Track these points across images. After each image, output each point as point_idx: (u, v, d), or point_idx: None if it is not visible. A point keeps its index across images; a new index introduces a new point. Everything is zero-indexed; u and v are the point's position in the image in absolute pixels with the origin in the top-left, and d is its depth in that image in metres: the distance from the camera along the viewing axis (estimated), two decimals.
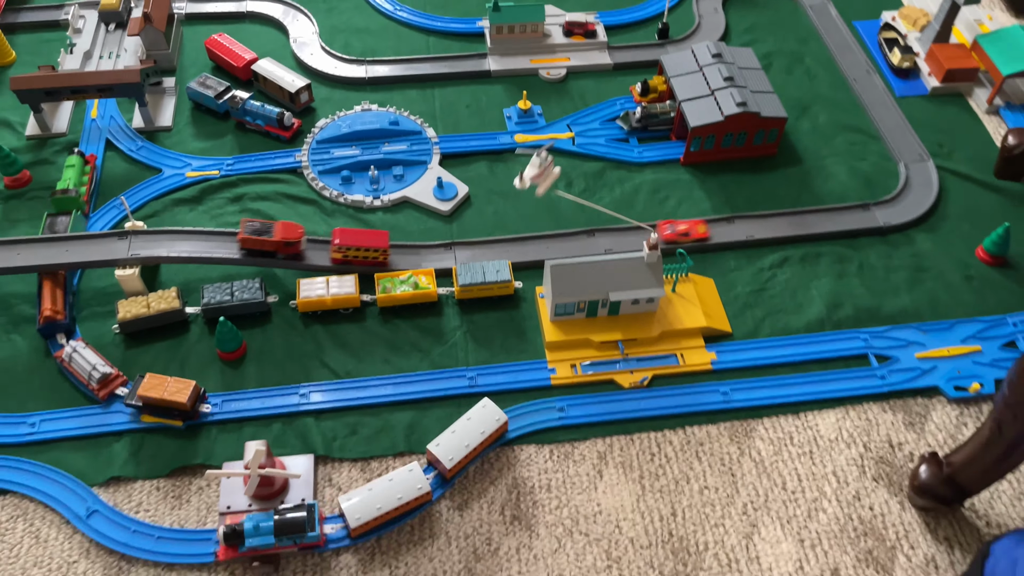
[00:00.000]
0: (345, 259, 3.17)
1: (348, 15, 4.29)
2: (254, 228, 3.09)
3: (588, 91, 3.98)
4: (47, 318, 2.95)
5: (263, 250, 3.12)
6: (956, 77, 3.93)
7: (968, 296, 3.25)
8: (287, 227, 3.12)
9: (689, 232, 3.37)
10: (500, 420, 2.78)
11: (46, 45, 4.06)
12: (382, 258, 3.21)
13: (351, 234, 3.16)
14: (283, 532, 2.47)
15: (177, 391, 2.77)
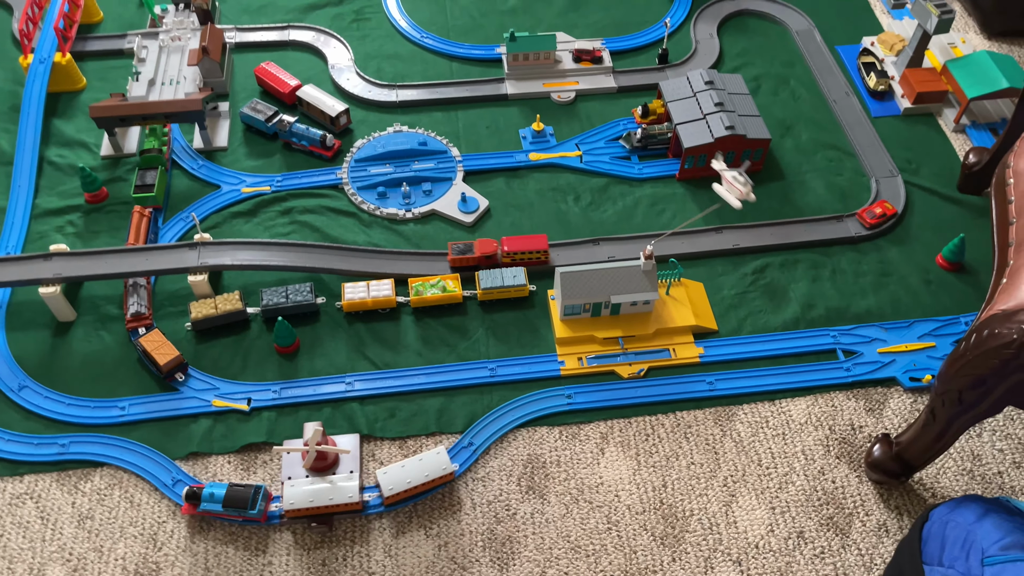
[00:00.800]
0: (513, 262, 3.72)
1: (380, 42, 4.77)
2: (459, 249, 3.70)
3: (595, 112, 4.44)
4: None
5: (468, 264, 3.70)
6: (926, 99, 4.36)
7: (927, 298, 3.70)
8: (483, 243, 3.69)
9: (884, 212, 3.90)
10: (447, 469, 3.09)
11: (112, 71, 4.56)
12: (544, 258, 3.73)
13: (516, 240, 3.72)
14: (230, 504, 2.98)
15: (163, 354, 3.33)
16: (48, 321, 3.55)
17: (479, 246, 3.72)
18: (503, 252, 3.73)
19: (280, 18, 4.87)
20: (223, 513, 3.00)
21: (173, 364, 3.37)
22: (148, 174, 3.98)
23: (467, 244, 3.74)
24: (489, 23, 4.87)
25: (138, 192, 3.91)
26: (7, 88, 4.43)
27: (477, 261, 3.73)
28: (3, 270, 3.48)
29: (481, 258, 3.72)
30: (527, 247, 3.73)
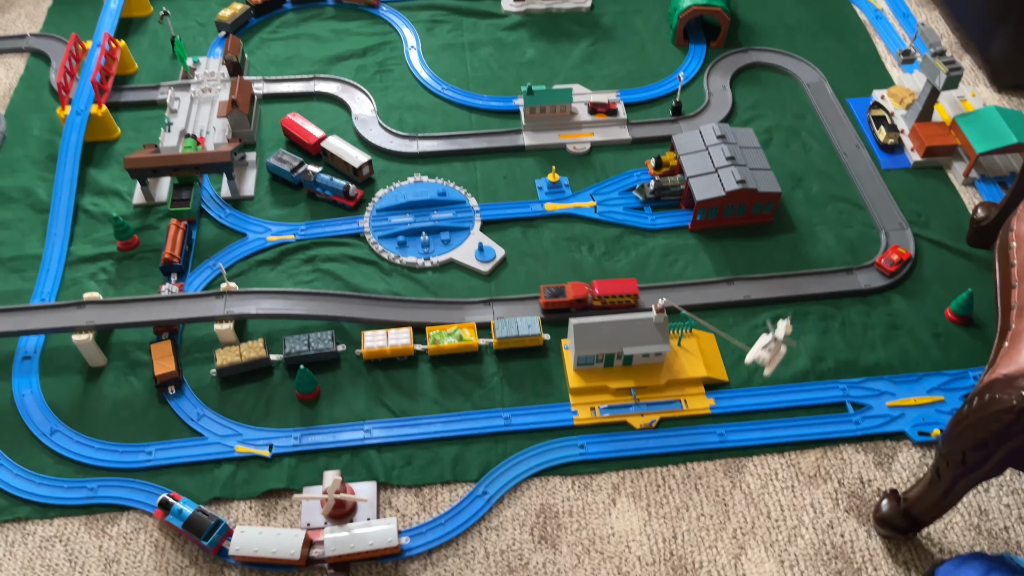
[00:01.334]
0: (603, 305, 3.82)
1: (402, 93, 4.93)
2: (551, 292, 3.82)
3: (609, 163, 4.56)
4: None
5: (559, 308, 3.82)
6: (936, 153, 4.44)
7: (936, 352, 3.75)
8: (575, 287, 3.81)
9: (901, 257, 3.99)
10: (392, 543, 3.11)
11: (145, 122, 4.75)
12: (633, 301, 3.85)
13: (607, 284, 3.84)
14: (189, 527, 3.14)
15: (161, 365, 3.58)
16: (81, 367, 3.69)
17: (571, 290, 3.83)
18: (594, 296, 3.83)
19: (306, 69, 5.05)
20: (181, 530, 3.17)
21: (167, 377, 3.59)
22: (184, 190, 4.25)
23: (559, 288, 3.85)
24: (508, 75, 5.03)
25: (175, 206, 4.19)
26: (45, 138, 4.63)
27: (569, 304, 3.84)
28: (39, 317, 3.63)
29: (573, 301, 3.83)
30: (617, 291, 3.83)
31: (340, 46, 5.20)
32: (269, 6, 5.41)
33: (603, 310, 3.85)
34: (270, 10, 5.43)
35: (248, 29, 5.32)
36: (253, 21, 5.39)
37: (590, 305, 3.86)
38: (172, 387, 3.62)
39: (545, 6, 5.41)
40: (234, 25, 5.25)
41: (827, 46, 5.19)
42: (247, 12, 5.33)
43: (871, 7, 5.42)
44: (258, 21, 5.39)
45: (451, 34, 5.29)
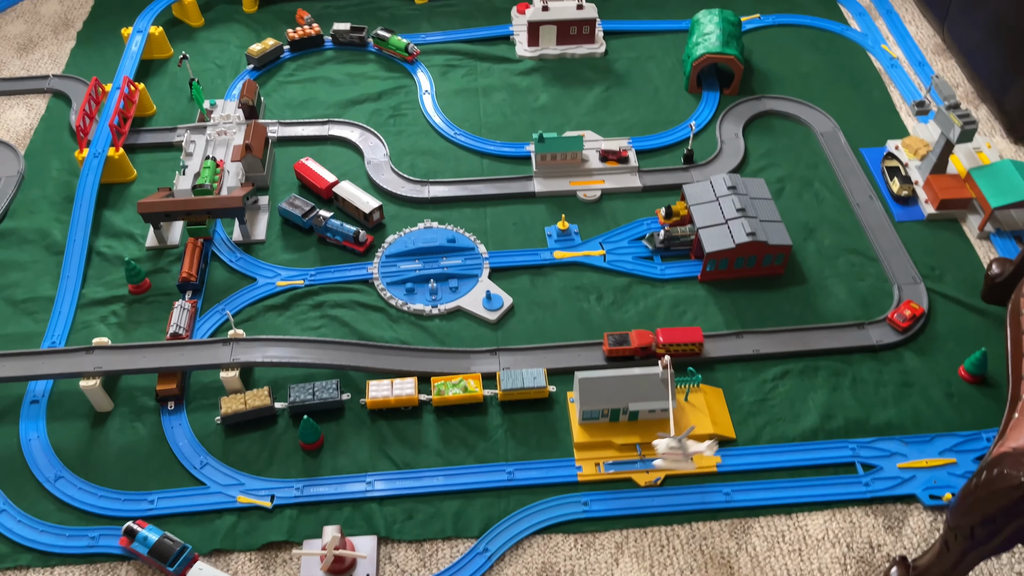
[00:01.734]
0: (668, 352, 3.81)
1: (415, 138, 4.96)
2: (616, 340, 3.82)
3: (619, 211, 4.55)
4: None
5: (623, 355, 3.82)
6: (950, 205, 4.39)
7: (948, 412, 3.69)
8: (640, 335, 3.81)
9: (913, 312, 3.94)
10: None
11: (161, 164, 4.81)
12: (698, 350, 3.83)
13: (671, 332, 3.82)
14: (154, 553, 3.17)
15: (162, 381, 3.70)
16: (87, 411, 3.71)
17: (635, 338, 3.82)
18: (658, 344, 3.81)
19: (321, 113, 5.10)
20: (146, 557, 3.19)
21: (167, 393, 3.71)
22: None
23: (623, 335, 3.84)
24: (520, 120, 5.05)
25: (191, 224, 4.30)
26: (63, 179, 4.70)
27: (633, 352, 3.83)
28: (47, 362, 3.67)
29: (637, 349, 3.82)
30: (682, 339, 3.81)
31: (355, 90, 5.25)
32: (306, 43, 5.51)
33: (669, 355, 3.81)
34: (308, 47, 5.53)
35: (272, 68, 5.39)
36: (287, 55, 5.49)
37: (654, 353, 3.84)
38: (171, 403, 3.72)
39: (559, 52, 5.44)
40: (262, 60, 5.36)
41: (841, 94, 5.17)
42: (278, 48, 5.43)
43: (886, 55, 5.41)
44: (291, 56, 5.49)
45: (465, 79, 5.33)
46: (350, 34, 5.44)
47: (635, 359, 3.84)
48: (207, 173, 4.52)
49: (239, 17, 5.79)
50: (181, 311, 3.97)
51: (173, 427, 3.64)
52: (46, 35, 5.70)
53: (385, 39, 5.41)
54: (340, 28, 5.46)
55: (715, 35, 5.07)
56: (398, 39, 5.38)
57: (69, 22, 5.80)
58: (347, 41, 5.49)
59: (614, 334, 3.86)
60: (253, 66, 5.37)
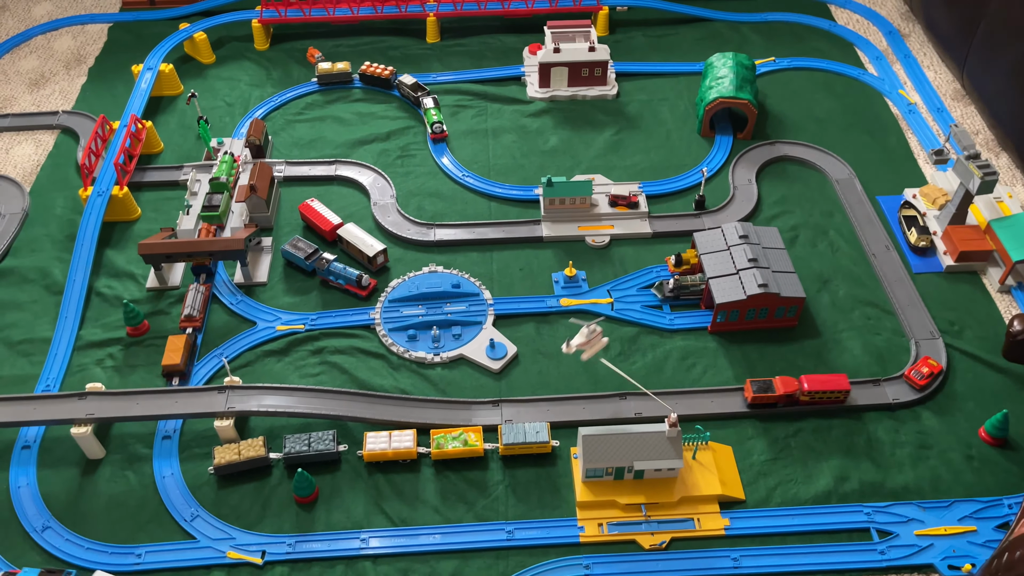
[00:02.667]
0: (812, 400, 3.72)
1: (422, 180, 4.89)
2: (760, 387, 3.73)
3: (628, 258, 4.45)
4: None
5: (767, 402, 3.74)
6: (970, 258, 4.26)
7: (968, 476, 3.53)
8: (785, 382, 3.72)
9: (931, 370, 3.83)
10: None
11: (166, 203, 4.76)
12: (842, 398, 3.73)
13: (816, 380, 3.72)
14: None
15: (169, 357, 3.85)
16: (78, 459, 3.62)
17: (780, 385, 3.73)
18: (803, 391, 3.71)
19: (329, 153, 5.06)
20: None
21: (171, 369, 3.83)
22: (215, 197, 4.55)
23: (766, 382, 3.75)
24: (530, 163, 4.98)
25: (205, 211, 4.47)
26: (66, 217, 4.66)
27: (777, 400, 3.74)
28: (39, 408, 3.59)
29: (782, 397, 3.72)
30: (827, 387, 3.71)
31: (364, 129, 5.21)
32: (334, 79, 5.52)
33: (810, 404, 3.74)
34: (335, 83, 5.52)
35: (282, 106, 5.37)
36: (356, 84, 5.52)
37: (798, 400, 3.74)
38: (176, 379, 3.83)
39: (570, 93, 5.39)
40: (325, 79, 5.48)
41: (858, 140, 5.07)
42: (345, 74, 5.48)
43: (904, 101, 5.31)
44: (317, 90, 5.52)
45: (475, 120, 5.28)
46: (409, 89, 5.34)
47: (777, 405, 3.75)
48: (224, 167, 4.64)
49: (250, 55, 5.78)
50: (195, 293, 4.13)
51: (164, 476, 3.55)
52: (58, 71, 5.72)
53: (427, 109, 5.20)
54: (406, 81, 5.34)
55: (729, 79, 4.99)
56: (432, 113, 5.14)
57: (82, 58, 5.82)
58: (405, 95, 5.40)
59: (757, 381, 3.76)
60: (317, 82, 5.48)
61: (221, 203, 4.50)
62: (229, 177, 4.61)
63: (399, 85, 5.37)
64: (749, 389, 3.74)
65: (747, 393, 3.75)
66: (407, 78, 5.36)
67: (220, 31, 5.90)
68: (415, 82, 5.33)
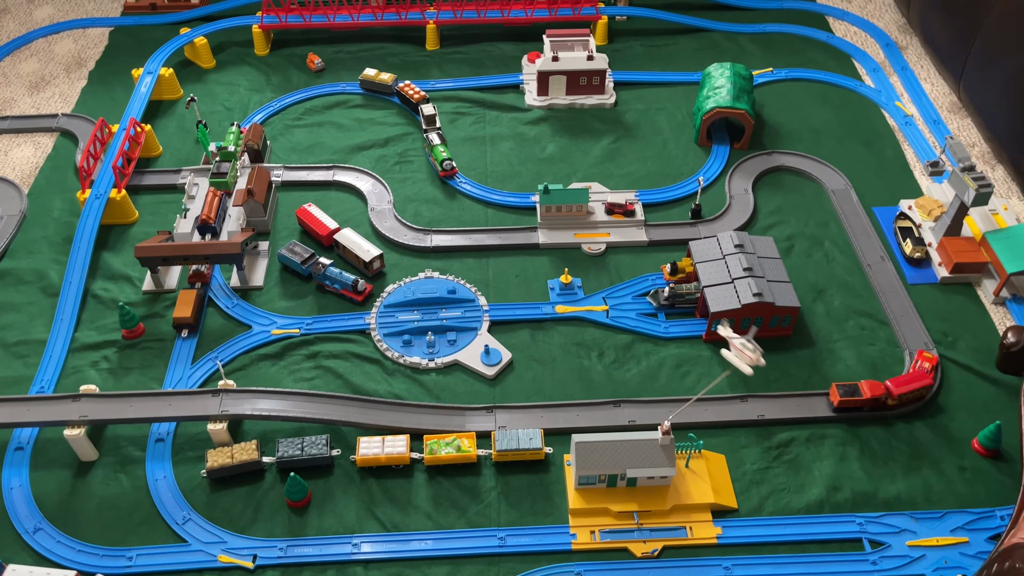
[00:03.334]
0: (899, 403, 3.75)
1: (420, 185, 4.91)
2: (846, 391, 3.73)
3: (624, 266, 4.45)
4: None
5: (854, 406, 3.75)
6: (964, 269, 4.27)
7: (961, 487, 3.53)
8: (872, 386, 3.73)
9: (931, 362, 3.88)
10: None
11: (164, 206, 4.77)
12: (926, 394, 3.78)
13: (901, 381, 3.74)
14: None
15: (179, 310, 4.07)
16: (71, 461, 3.62)
17: (866, 388, 3.74)
18: (891, 396, 3.72)
19: (327, 158, 5.07)
20: None
21: (181, 321, 4.04)
22: (224, 164, 4.68)
23: (852, 386, 3.76)
24: (527, 170, 4.99)
25: (214, 178, 4.62)
26: (64, 219, 4.67)
27: (864, 404, 3.75)
28: (32, 410, 3.59)
29: (869, 400, 3.73)
30: (913, 385, 3.73)
31: (362, 135, 5.23)
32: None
33: (898, 407, 3.76)
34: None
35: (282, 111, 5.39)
36: (394, 98, 5.50)
37: (885, 404, 3.76)
38: (185, 331, 4.05)
39: (568, 101, 5.41)
40: (368, 86, 5.48)
41: (854, 152, 5.09)
42: (387, 86, 5.44)
43: (900, 113, 5.33)
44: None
45: (473, 127, 5.29)
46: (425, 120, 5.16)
47: (862, 409, 3.77)
48: (231, 138, 4.76)
49: (250, 60, 5.80)
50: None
51: (157, 479, 3.55)
52: (58, 74, 5.74)
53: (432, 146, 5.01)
54: (428, 113, 5.16)
55: (726, 89, 5.02)
56: (440, 151, 4.97)
57: (82, 61, 5.84)
58: (371, 90, 5.40)
59: (844, 385, 3.76)
60: (360, 86, 5.51)
61: (229, 171, 4.63)
62: (236, 146, 4.76)
63: (421, 111, 5.19)
64: (835, 393, 3.74)
65: (833, 397, 3.75)
66: (428, 108, 5.18)
67: (221, 36, 5.93)
68: (433, 114, 5.17)
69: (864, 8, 6.32)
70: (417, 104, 5.24)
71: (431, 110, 5.17)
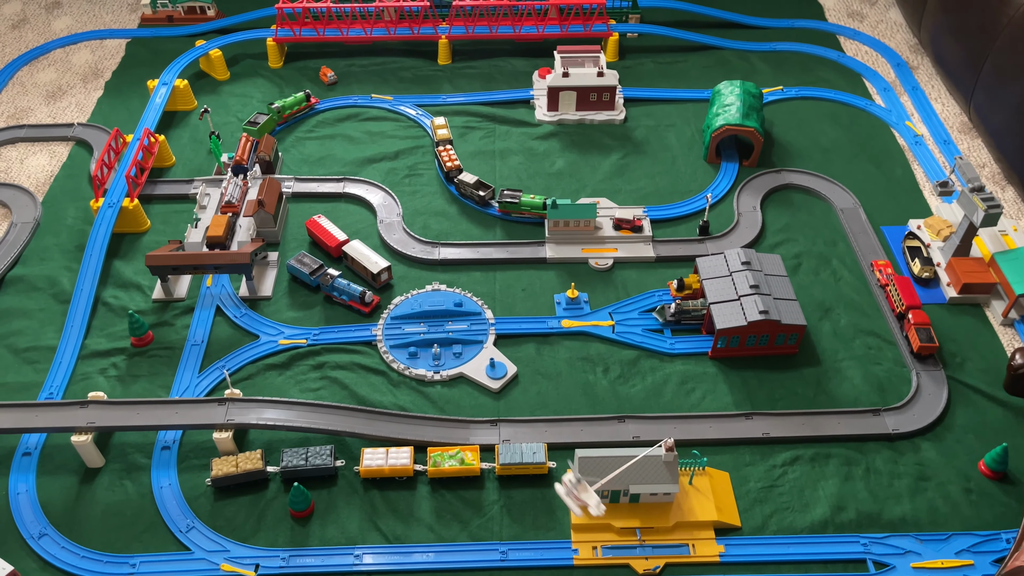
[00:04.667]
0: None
1: (429, 199, 4.94)
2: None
3: (631, 281, 4.46)
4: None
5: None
6: (973, 290, 4.26)
7: (967, 509, 3.51)
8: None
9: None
10: None
11: (175, 215, 4.82)
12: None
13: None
14: None
15: (212, 229, 4.36)
16: (77, 466, 3.65)
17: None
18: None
19: (338, 170, 5.12)
20: None
21: (215, 240, 4.35)
22: (260, 117, 5.22)
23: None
24: (535, 184, 5.01)
25: (247, 126, 5.18)
26: (76, 227, 4.72)
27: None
28: (41, 416, 3.63)
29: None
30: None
31: (373, 148, 5.27)
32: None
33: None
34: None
35: (293, 124, 5.44)
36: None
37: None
38: (217, 248, 4.37)
39: (578, 117, 5.44)
40: (465, 190, 4.96)
41: (863, 170, 5.09)
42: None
43: (910, 132, 5.33)
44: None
45: (483, 141, 5.33)
46: (473, 189, 4.83)
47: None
48: (291, 101, 5.31)
49: (264, 72, 5.86)
50: (234, 186, 4.68)
51: (162, 487, 3.57)
52: (75, 84, 5.82)
53: (516, 202, 4.69)
54: (465, 180, 4.85)
55: (736, 106, 5.03)
56: (531, 198, 4.67)
57: (99, 72, 5.92)
58: (468, 195, 4.88)
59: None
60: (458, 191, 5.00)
61: (262, 123, 5.14)
62: (285, 109, 5.27)
63: (459, 184, 4.89)
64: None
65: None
66: (467, 176, 4.88)
67: (235, 48, 5.99)
68: (477, 180, 4.85)
69: (875, 28, 6.33)
70: (449, 174, 4.99)
71: (472, 178, 4.85)
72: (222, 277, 4.42)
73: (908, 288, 4.14)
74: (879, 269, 4.18)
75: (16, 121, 5.51)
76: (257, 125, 5.13)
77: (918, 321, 4.01)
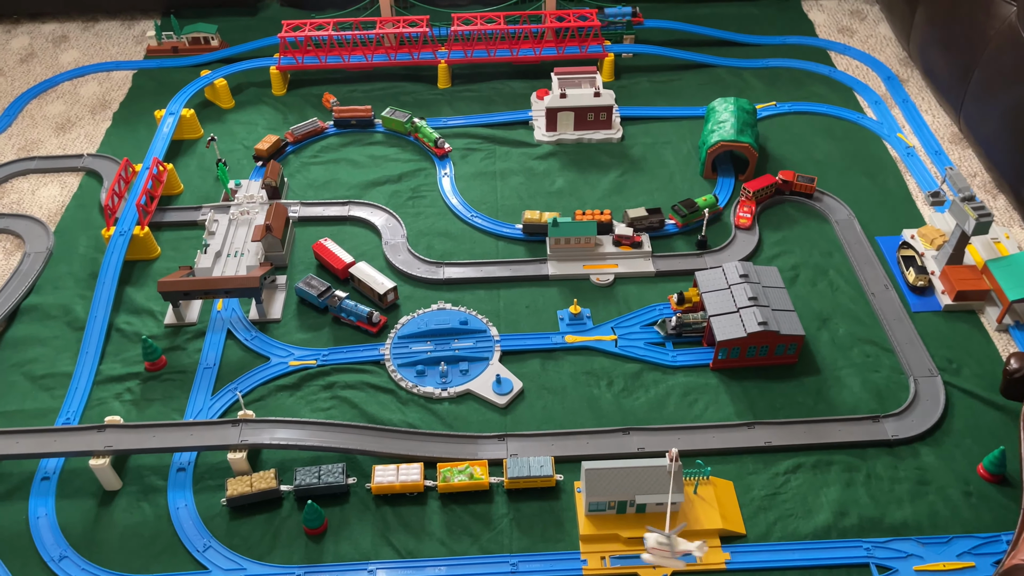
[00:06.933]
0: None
1: (432, 220, 5.04)
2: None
3: (632, 296, 4.56)
4: None
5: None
6: (967, 297, 4.35)
7: (967, 512, 3.58)
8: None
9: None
10: None
11: (184, 242, 4.93)
12: None
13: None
14: None
15: (261, 143, 5.02)
16: (96, 490, 3.72)
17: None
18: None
19: (342, 194, 5.23)
20: None
21: (261, 153, 5.28)
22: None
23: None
24: (536, 204, 5.12)
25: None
26: (89, 255, 4.83)
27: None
28: (59, 440, 3.71)
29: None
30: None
31: (377, 171, 5.38)
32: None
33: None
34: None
35: (297, 149, 5.56)
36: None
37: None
38: (260, 161, 5.27)
39: (576, 136, 5.55)
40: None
41: (857, 182, 5.19)
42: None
43: (902, 144, 5.44)
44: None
45: (484, 162, 5.44)
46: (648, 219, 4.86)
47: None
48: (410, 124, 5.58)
49: (268, 100, 6.00)
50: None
51: (178, 508, 3.65)
52: (83, 115, 5.95)
53: (695, 209, 4.87)
54: (530, 218, 4.83)
55: (730, 123, 5.14)
56: (703, 199, 4.91)
57: (107, 103, 6.05)
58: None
59: None
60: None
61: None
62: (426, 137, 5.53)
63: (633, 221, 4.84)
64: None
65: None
66: (636, 211, 4.87)
67: (240, 77, 6.13)
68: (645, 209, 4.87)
69: (865, 43, 6.46)
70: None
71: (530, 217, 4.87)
72: (232, 301, 4.53)
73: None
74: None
75: (27, 153, 5.64)
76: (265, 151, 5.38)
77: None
